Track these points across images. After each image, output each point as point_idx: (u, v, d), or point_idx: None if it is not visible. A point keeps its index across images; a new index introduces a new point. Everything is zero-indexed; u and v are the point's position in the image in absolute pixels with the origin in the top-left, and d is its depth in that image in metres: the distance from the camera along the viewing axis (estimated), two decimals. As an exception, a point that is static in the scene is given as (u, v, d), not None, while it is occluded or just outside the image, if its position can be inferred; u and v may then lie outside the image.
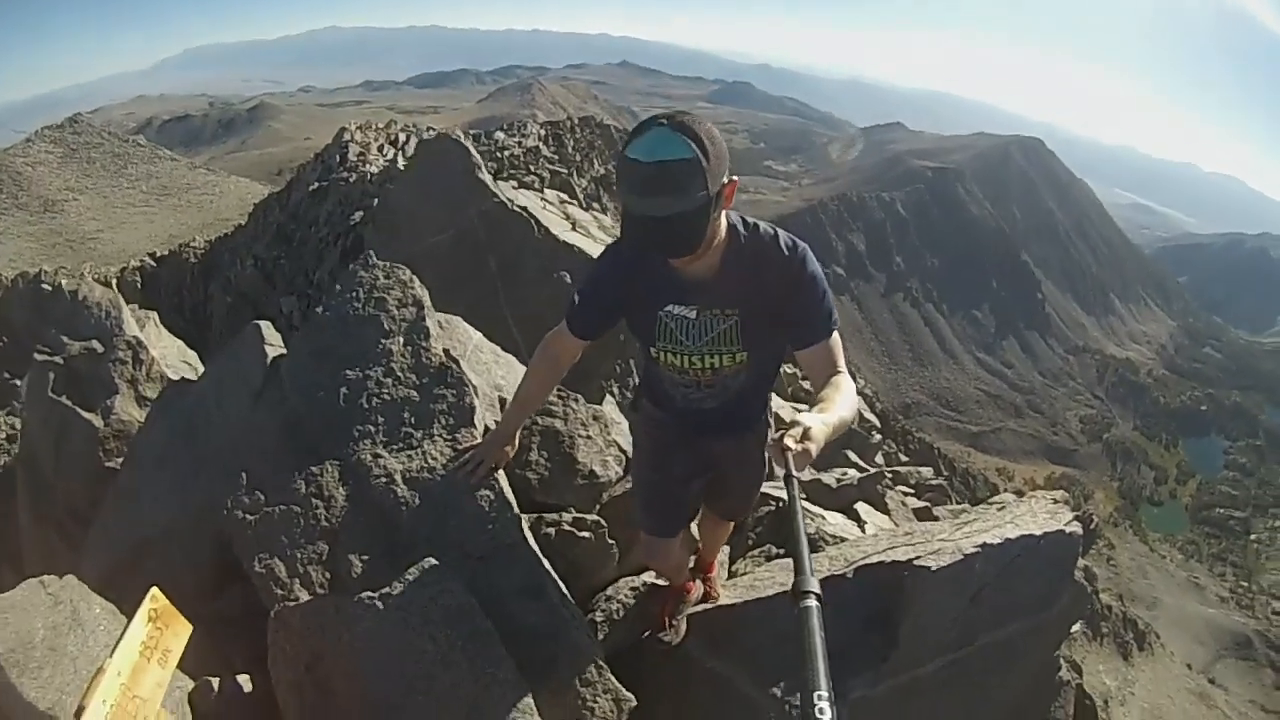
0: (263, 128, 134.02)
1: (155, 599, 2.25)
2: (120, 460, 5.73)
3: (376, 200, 16.50)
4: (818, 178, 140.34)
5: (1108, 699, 20.95)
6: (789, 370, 12.47)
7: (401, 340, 3.12)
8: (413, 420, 2.91)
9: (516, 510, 2.75)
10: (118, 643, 2.04)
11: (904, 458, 20.58)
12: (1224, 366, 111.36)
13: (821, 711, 0.89)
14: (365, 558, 2.61)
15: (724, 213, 1.87)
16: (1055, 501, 3.60)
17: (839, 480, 8.06)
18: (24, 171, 65.53)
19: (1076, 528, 3.37)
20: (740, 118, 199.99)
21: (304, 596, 2.54)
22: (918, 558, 3.13)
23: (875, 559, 3.21)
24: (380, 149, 27.96)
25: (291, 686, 2.26)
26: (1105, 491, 77.22)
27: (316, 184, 24.08)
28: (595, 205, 24.23)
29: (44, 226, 59.98)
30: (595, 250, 7.79)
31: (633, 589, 3.26)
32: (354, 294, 3.27)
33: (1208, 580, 63.08)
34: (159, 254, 32.49)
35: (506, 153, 28.34)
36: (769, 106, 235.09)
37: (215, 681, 2.47)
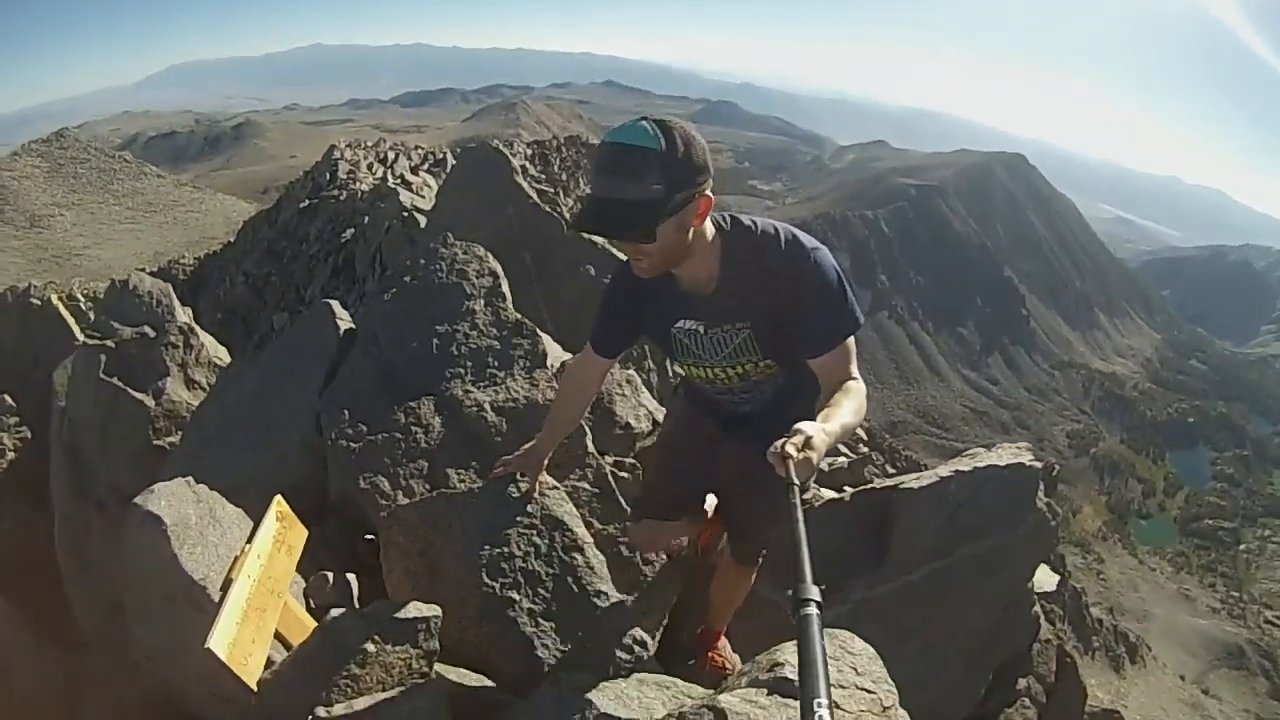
0: (248, 145, 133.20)
1: (280, 504, 2.74)
2: (169, 439, 6.26)
3: (367, 218, 16.81)
4: (801, 196, 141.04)
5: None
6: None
7: (482, 302, 3.83)
8: (496, 363, 3.61)
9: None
10: (253, 533, 2.52)
11: (891, 471, 21.14)
12: (1209, 378, 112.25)
13: (821, 719, 0.90)
14: (461, 471, 3.22)
15: (706, 224, 1.83)
16: (1018, 448, 4.26)
17: (830, 465, 8.70)
18: (10, 185, 64.84)
19: (1035, 463, 4.07)
20: (725, 136, 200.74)
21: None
22: (903, 482, 3.81)
23: (868, 486, 3.90)
24: (370, 167, 28.38)
25: (405, 573, 2.73)
26: (1094, 505, 77.58)
27: (306, 201, 24.28)
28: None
29: (30, 241, 59.33)
30: (612, 250, 8.28)
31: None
32: (436, 267, 3.97)
33: (1198, 591, 63.43)
34: (147, 270, 32.80)
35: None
36: (753, 125, 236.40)
37: (329, 576, 2.96)
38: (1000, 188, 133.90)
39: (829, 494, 4.11)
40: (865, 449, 18.74)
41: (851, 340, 1.90)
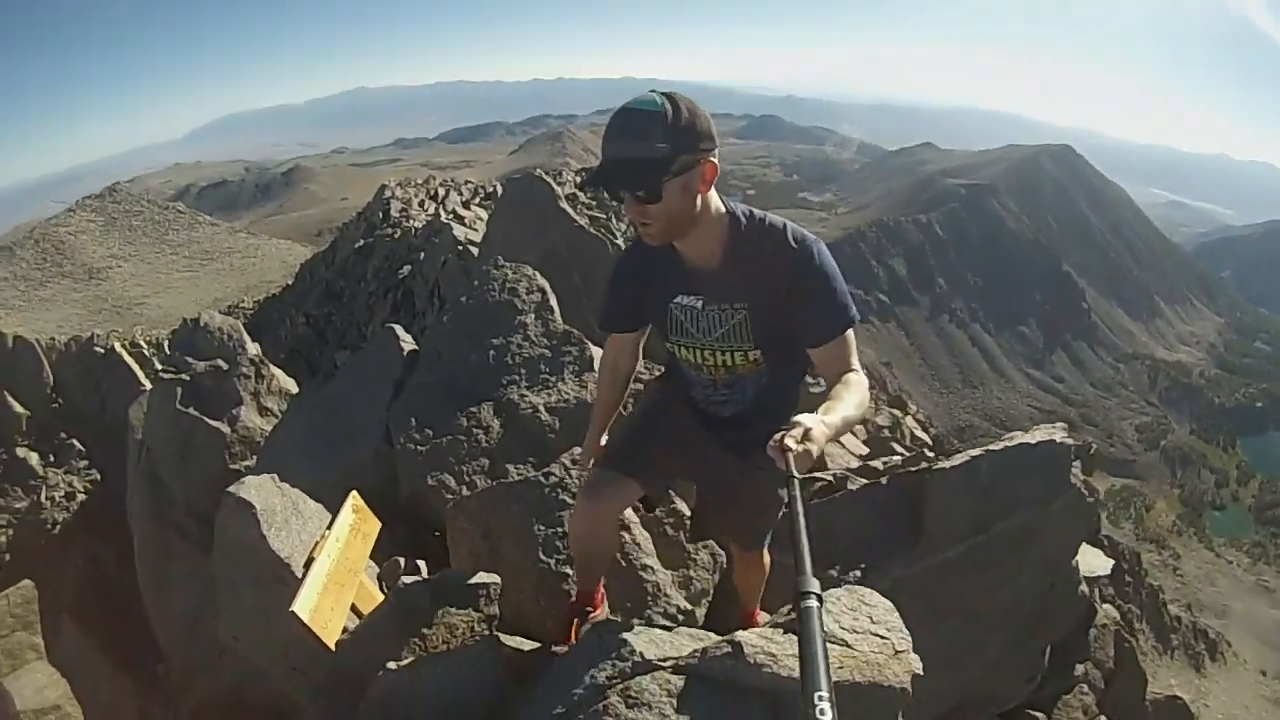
0: (299, 190, 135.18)
1: (355, 498, 3.04)
2: (245, 463, 6.68)
3: (423, 254, 17.28)
4: (853, 205, 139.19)
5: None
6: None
7: (533, 315, 4.25)
8: (547, 369, 4.02)
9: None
10: (332, 521, 2.81)
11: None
12: (1276, 359, 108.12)
13: (822, 713, 0.89)
14: (519, 466, 3.54)
15: (713, 197, 1.87)
16: (1053, 427, 4.35)
17: (885, 464, 8.74)
18: (67, 240, 66.13)
19: (1068, 440, 4.15)
20: (771, 151, 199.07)
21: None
22: (936, 463, 3.94)
23: (904, 470, 4.04)
24: (421, 204, 28.99)
25: (469, 555, 2.99)
26: (1167, 500, 74.87)
27: (361, 241, 24.84)
28: None
29: (89, 293, 60.47)
30: None
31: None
32: (489, 287, 4.42)
33: (1278, 582, 60.95)
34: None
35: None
36: (798, 138, 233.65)
37: (401, 560, 3.25)
38: (1050, 180, 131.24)
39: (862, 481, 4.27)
40: (931, 454, 18.54)
41: (851, 334, 1.92)
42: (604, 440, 2.47)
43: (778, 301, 1.92)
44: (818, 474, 5.64)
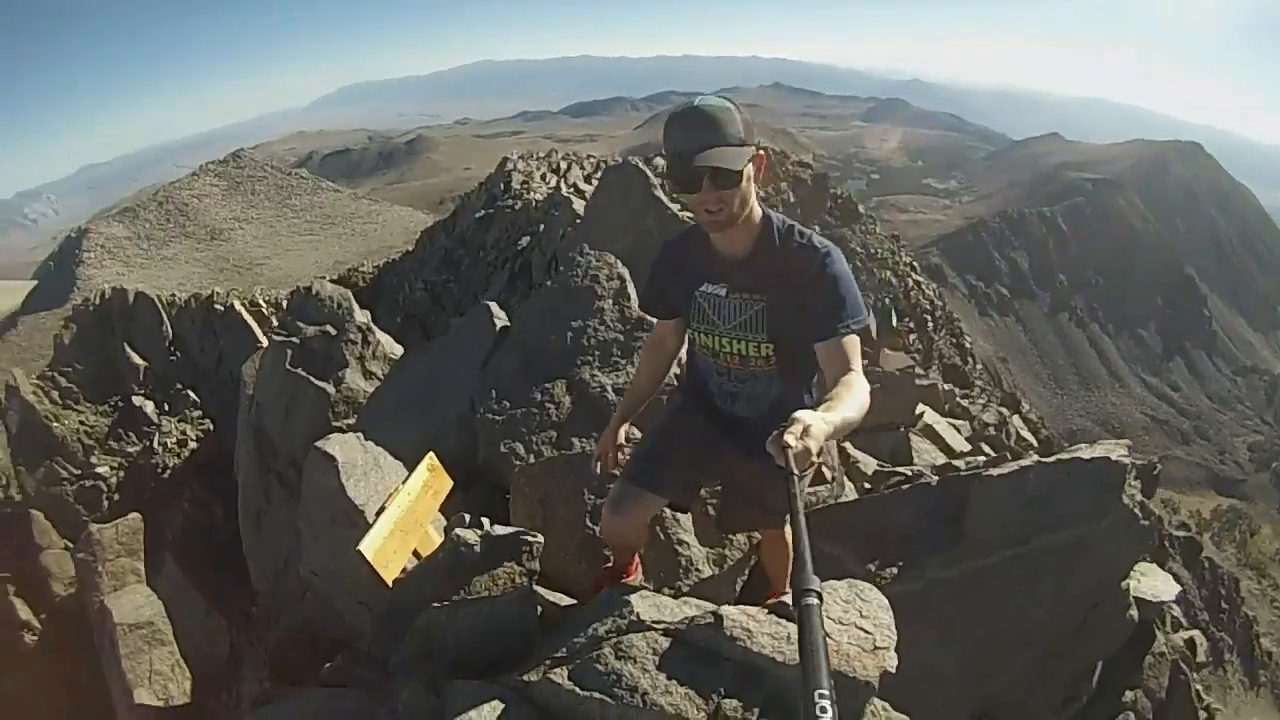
0: (422, 159, 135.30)
1: (432, 459, 3.39)
2: (346, 421, 7.20)
3: (542, 226, 17.61)
4: (977, 194, 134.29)
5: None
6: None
7: (610, 301, 4.55)
8: (619, 353, 4.33)
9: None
10: (408, 477, 3.16)
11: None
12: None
13: (823, 710, 0.89)
14: (584, 440, 3.92)
15: (756, 199, 2.05)
16: (1114, 444, 4.31)
17: (968, 464, 8.64)
18: (190, 203, 67.49)
19: (1125, 458, 4.10)
20: (896, 135, 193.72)
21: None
22: (985, 470, 4.01)
23: (954, 472, 4.13)
24: (543, 177, 29.27)
25: (526, 517, 3.34)
26: (1273, 526, 69.81)
27: (482, 211, 25.08)
28: None
29: (211, 253, 61.39)
30: None
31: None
32: (574, 273, 4.78)
33: (1383, 626, 55.98)
34: (327, 278, 34.32)
35: (664, 179, 28.90)
36: (924, 123, 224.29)
37: (466, 516, 3.58)
38: (1177, 180, 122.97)
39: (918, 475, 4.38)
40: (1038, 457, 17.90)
41: (856, 338, 2.02)
42: (623, 434, 2.61)
43: (793, 298, 2.06)
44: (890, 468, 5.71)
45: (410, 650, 2.44)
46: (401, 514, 2.80)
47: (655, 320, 2.56)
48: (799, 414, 1.61)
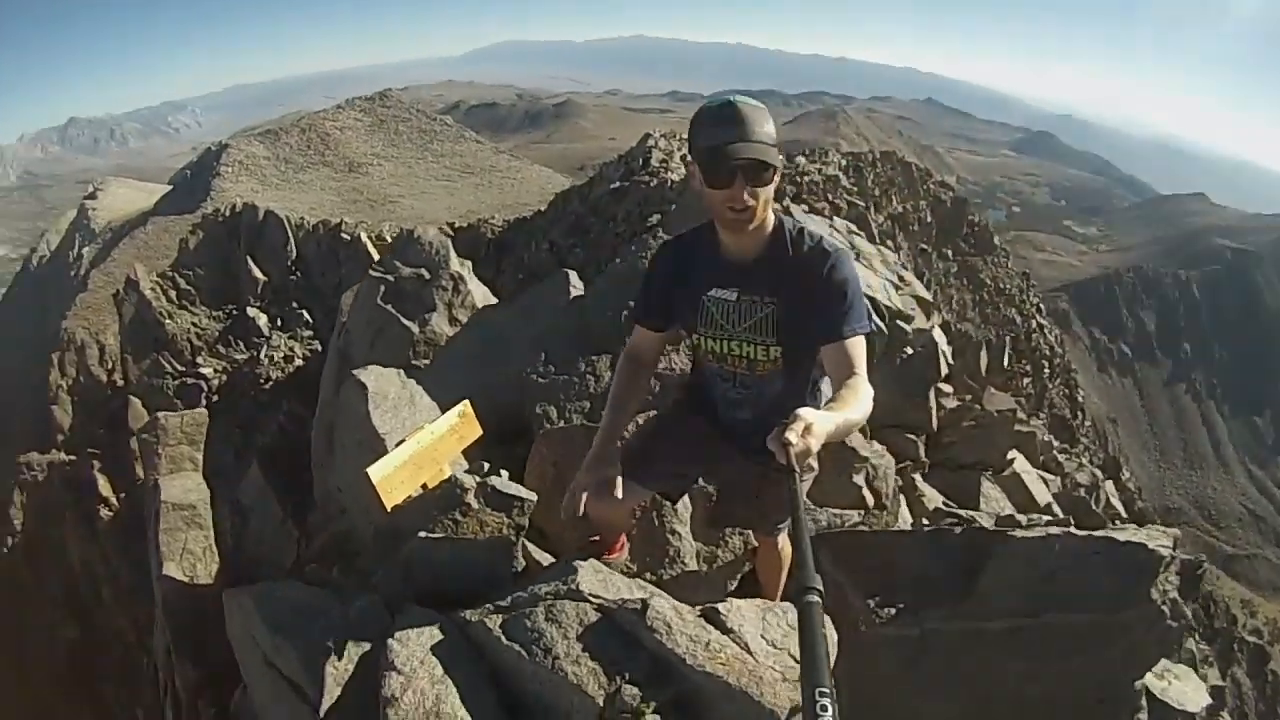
0: (568, 123, 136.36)
1: (466, 407, 3.57)
2: (424, 361, 7.55)
3: (674, 206, 17.77)
4: (1115, 245, 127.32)
5: None
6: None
7: None
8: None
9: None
10: (438, 419, 3.34)
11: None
12: None
13: (824, 709, 0.89)
14: None
15: (771, 206, 2.06)
16: (1159, 531, 4.09)
17: (1029, 520, 8.32)
18: (332, 134, 68.30)
19: (1164, 549, 3.87)
20: (1043, 170, 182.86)
21: (564, 432, 3.87)
22: (1012, 530, 3.87)
23: (981, 524, 4.03)
24: (683, 158, 29.40)
25: (538, 477, 3.50)
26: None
27: (618, 183, 25.43)
28: (889, 242, 23.31)
29: (346, 184, 61.84)
30: (864, 275, 8.31)
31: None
32: (643, 254, 4.83)
33: None
34: (456, 225, 32.87)
35: (806, 178, 27.98)
36: (1071, 161, 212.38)
37: (485, 465, 3.76)
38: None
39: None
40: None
41: (862, 341, 2.04)
42: (618, 486, 2.36)
43: (802, 299, 2.06)
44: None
45: (394, 571, 2.64)
46: (419, 449, 2.99)
47: (636, 332, 2.46)
48: (801, 411, 1.62)
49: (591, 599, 2.25)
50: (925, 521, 5.15)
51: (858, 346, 2.01)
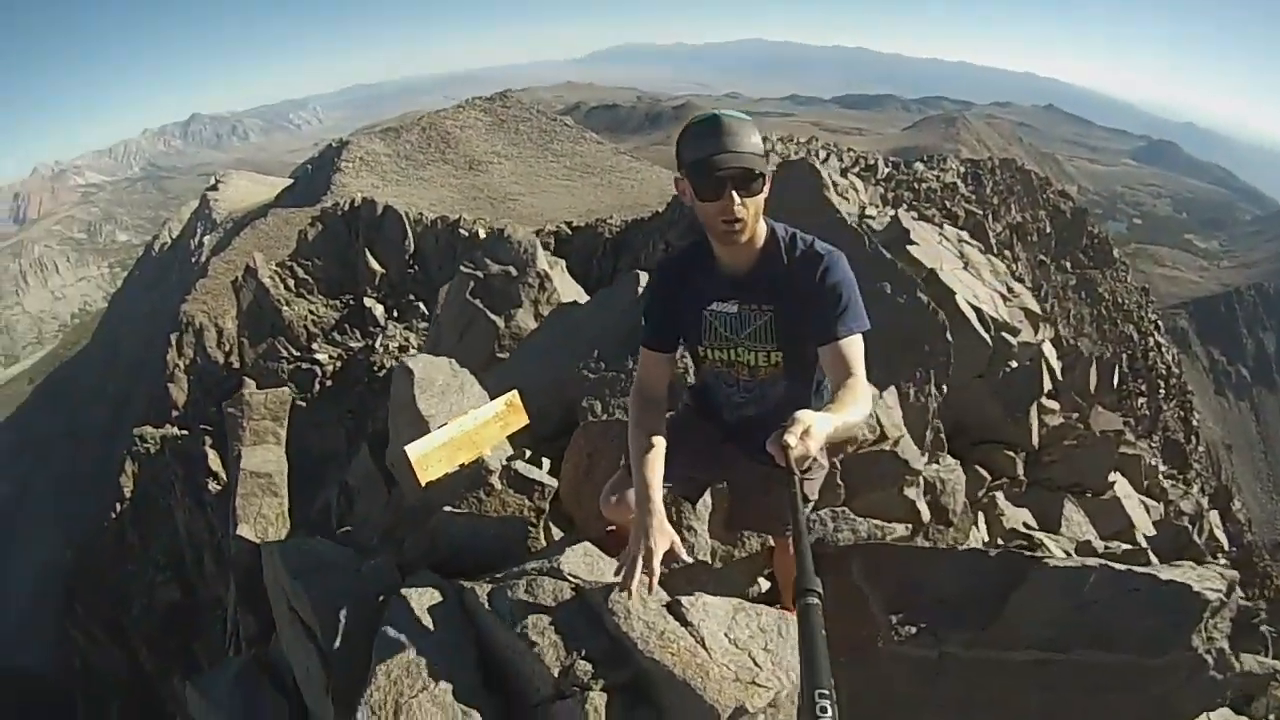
0: None
1: (514, 396, 3.80)
2: (506, 354, 7.92)
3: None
4: (1237, 261, 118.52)
5: None
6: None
7: None
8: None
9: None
10: (484, 406, 3.59)
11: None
12: None
13: (824, 710, 0.88)
14: None
15: (762, 217, 2.09)
16: (1213, 572, 3.87)
17: (1106, 548, 7.86)
18: (452, 132, 70.86)
19: (1212, 592, 3.67)
20: (1164, 181, 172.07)
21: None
22: (1049, 557, 3.77)
23: (1017, 548, 3.95)
24: (675, 180, 29.25)
25: (573, 466, 3.65)
26: None
27: None
28: (1006, 252, 22.94)
29: (466, 182, 64.05)
30: (961, 289, 8.12)
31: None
32: None
33: None
34: (575, 223, 33.80)
35: (924, 185, 27.76)
36: (1193, 172, 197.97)
37: (528, 452, 4.00)
38: None
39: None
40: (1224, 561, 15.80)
41: (860, 342, 2.05)
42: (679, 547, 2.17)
43: (798, 302, 2.11)
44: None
45: (420, 540, 2.91)
46: (459, 433, 3.24)
47: (644, 361, 2.39)
48: (800, 414, 1.66)
49: (570, 578, 2.42)
50: (1000, 541, 5.03)
51: (854, 346, 2.04)
